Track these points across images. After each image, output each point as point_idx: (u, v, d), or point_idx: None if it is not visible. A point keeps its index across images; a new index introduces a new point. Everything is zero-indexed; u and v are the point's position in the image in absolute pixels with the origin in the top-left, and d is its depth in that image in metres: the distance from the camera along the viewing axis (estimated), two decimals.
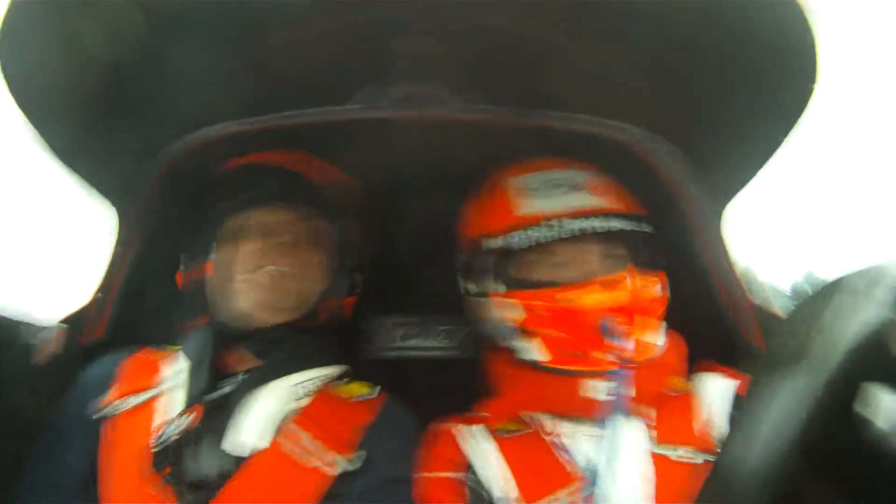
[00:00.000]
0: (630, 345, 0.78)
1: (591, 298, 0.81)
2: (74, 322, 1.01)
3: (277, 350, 0.88)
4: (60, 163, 0.92)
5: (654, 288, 0.86)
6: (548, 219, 0.84)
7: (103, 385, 0.88)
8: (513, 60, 0.92)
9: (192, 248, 0.94)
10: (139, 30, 0.78)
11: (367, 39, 0.87)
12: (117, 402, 0.86)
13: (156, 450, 0.79)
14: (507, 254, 0.87)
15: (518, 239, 0.85)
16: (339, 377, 0.96)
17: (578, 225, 0.83)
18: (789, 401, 0.35)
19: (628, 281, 0.81)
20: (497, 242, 0.88)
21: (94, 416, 0.84)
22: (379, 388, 0.94)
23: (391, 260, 1.23)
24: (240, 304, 0.87)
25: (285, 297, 0.88)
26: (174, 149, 1.06)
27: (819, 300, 0.38)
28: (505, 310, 0.87)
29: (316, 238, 0.94)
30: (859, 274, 0.37)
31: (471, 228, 0.96)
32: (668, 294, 0.88)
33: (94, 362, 0.93)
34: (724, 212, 1.04)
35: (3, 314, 0.86)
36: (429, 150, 1.12)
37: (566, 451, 0.83)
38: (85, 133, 0.91)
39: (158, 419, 0.83)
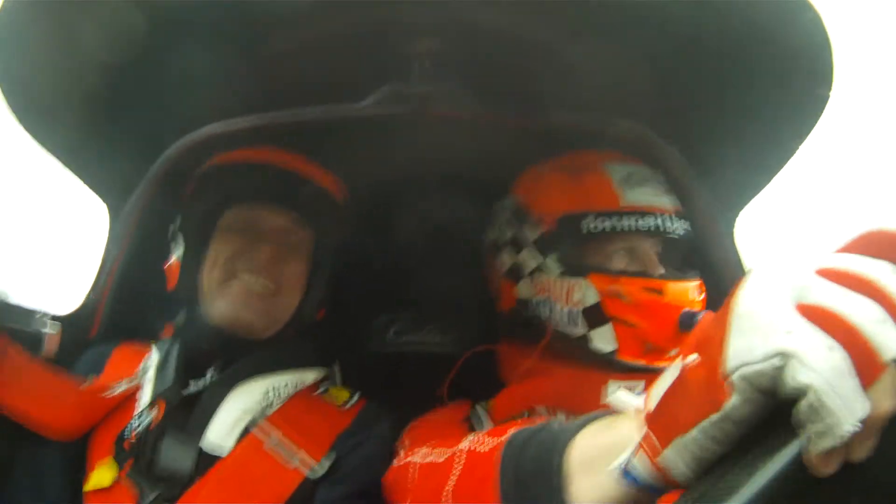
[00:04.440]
0: None
1: (677, 290, 0.83)
2: (76, 318, 1.01)
3: (246, 356, 0.87)
4: (57, 160, 0.91)
5: (702, 292, 0.88)
6: (645, 212, 0.86)
7: (90, 376, 0.87)
8: (517, 60, 0.90)
9: (179, 241, 0.92)
10: (136, 30, 0.76)
11: (369, 41, 0.86)
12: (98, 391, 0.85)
13: (120, 443, 0.79)
14: (589, 236, 0.86)
15: (627, 223, 0.84)
16: (323, 379, 0.94)
17: (670, 223, 0.86)
18: None
19: (695, 284, 0.86)
20: (602, 223, 0.85)
21: None
22: (359, 394, 0.92)
23: (387, 257, 1.23)
24: (212, 310, 0.87)
25: (255, 317, 0.87)
26: (177, 148, 1.05)
27: None
28: (575, 293, 0.85)
29: (298, 247, 0.92)
30: None
31: (562, 203, 0.90)
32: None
33: (82, 355, 0.93)
34: (736, 217, 1.03)
35: (17, 303, 0.87)
36: (429, 150, 1.10)
37: None
38: (79, 133, 0.90)
39: (131, 412, 0.83)
